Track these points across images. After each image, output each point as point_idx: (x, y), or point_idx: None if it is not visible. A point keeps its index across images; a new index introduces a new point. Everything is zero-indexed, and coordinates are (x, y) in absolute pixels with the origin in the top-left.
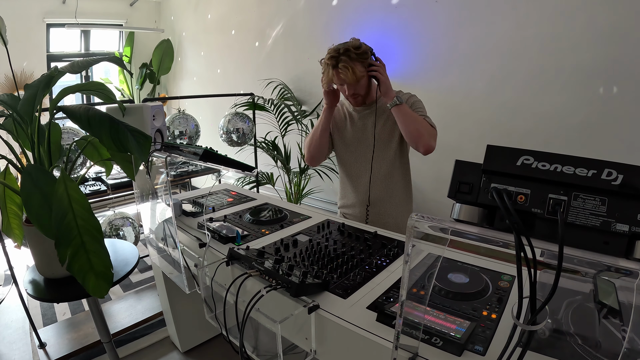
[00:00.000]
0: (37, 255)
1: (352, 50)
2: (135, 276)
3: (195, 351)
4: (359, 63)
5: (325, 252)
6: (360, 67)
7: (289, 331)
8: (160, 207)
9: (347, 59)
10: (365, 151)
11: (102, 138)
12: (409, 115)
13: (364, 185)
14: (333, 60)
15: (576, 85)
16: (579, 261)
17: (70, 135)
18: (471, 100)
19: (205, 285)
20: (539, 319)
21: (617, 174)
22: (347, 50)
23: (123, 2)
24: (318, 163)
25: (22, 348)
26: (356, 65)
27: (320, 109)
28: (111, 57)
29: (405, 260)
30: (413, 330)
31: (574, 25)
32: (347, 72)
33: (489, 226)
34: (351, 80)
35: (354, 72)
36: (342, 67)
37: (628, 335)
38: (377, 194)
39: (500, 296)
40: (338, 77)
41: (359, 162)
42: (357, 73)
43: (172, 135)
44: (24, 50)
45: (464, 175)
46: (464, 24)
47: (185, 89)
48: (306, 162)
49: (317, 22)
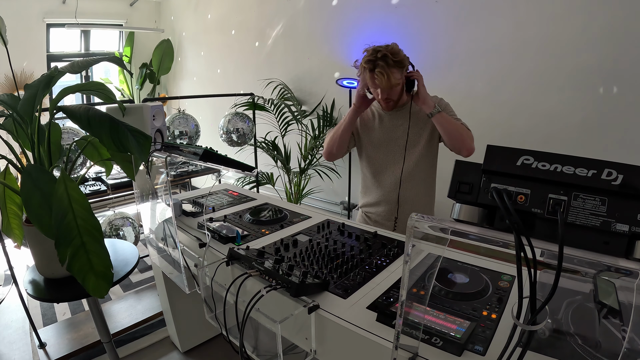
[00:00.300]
0: (37, 255)
1: (390, 57)
2: (135, 276)
3: (195, 351)
4: (396, 70)
5: (325, 252)
6: (396, 74)
7: (289, 331)
8: (160, 207)
9: (385, 64)
10: (395, 151)
11: (102, 138)
12: (450, 122)
13: (391, 184)
14: (370, 64)
15: (576, 85)
16: (579, 261)
17: (70, 135)
18: (471, 100)
19: (205, 285)
20: (539, 319)
21: (617, 174)
22: (385, 56)
23: (123, 2)
24: (335, 159)
25: (22, 348)
26: (392, 72)
27: (319, 109)
28: (111, 57)
29: (405, 260)
30: (413, 330)
31: (574, 25)
32: (383, 78)
33: (489, 226)
34: (386, 87)
35: (389, 79)
36: (378, 73)
37: (628, 335)
38: (404, 194)
39: (500, 296)
40: (373, 81)
41: (387, 161)
42: (392, 80)
43: (172, 135)
44: (24, 50)
45: (464, 175)
46: (463, 24)
47: (185, 89)
48: (324, 156)
49: (317, 22)
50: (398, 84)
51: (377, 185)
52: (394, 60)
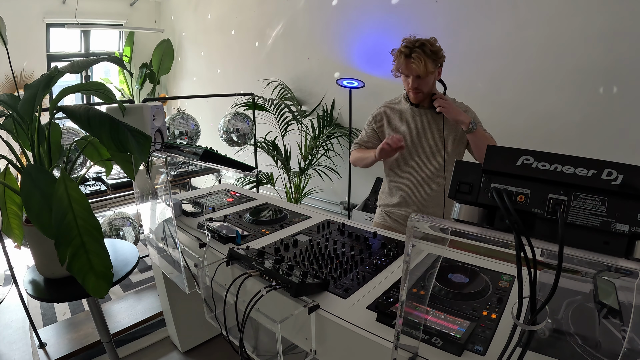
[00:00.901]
0: (37, 255)
1: (428, 46)
2: (135, 276)
3: (195, 351)
4: (431, 60)
5: (325, 252)
6: (431, 64)
7: (289, 331)
8: (160, 207)
9: (422, 52)
10: (420, 154)
11: (102, 138)
12: (483, 138)
13: (414, 186)
14: (407, 49)
15: (576, 85)
16: (579, 261)
17: (70, 135)
18: (471, 100)
19: (205, 285)
20: (539, 319)
21: (617, 174)
22: (423, 44)
23: (123, 2)
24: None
25: (22, 348)
26: (428, 60)
27: (319, 109)
28: (111, 57)
29: (405, 260)
30: (413, 330)
31: (574, 25)
32: (420, 64)
33: (489, 226)
34: (421, 73)
35: (425, 66)
36: (415, 57)
37: (628, 335)
38: (426, 197)
39: (500, 296)
40: (408, 66)
41: (412, 164)
42: (428, 67)
43: (172, 135)
44: (24, 50)
45: (464, 175)
46: (463, 24)
47: (185, 89)
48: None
49: (317, 22)
50: (432, 73)
51: (400, 186)
52: (432, 50)
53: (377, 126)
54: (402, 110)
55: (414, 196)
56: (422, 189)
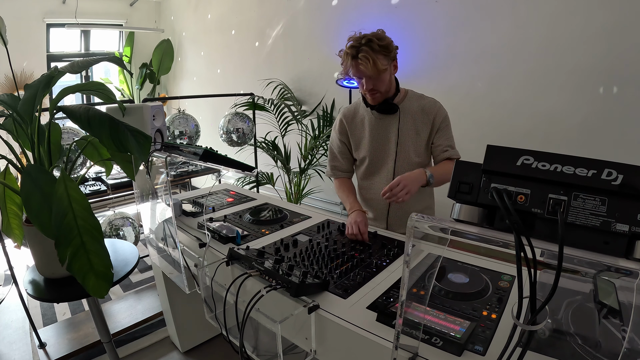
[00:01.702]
0: (37, 255)
1: (375, 41)
2: (135, 276)
3: (195, 351)
4: (382, 55)
5: (325, 252)
6: (382, 60)
7: (289, 331)
8: (160, 207)
9: (369, 49)
10: (384, 156)
11: (102, 138)
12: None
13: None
14: (353, 49)
15: (576, 85)
16: (579, 261)
17: (70, 135)
18: (471, 100)
19: (205, 285)
20: (539, 319)
21: (617, 174)
22: (370, 40)
23: (123, 2)
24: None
25: (22, 348)
26: (378, 57)
27: (319, 109)
28: (111, 57)
29: (405, 260)
30: (413, 330)
31: (574, 25)
32: (368, 63)
33: (489, 226)
34: (371, 73)
35: (375, 65)
36: (363, 58)
37: (628, 335)
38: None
39: (500, 296)
40: (357, 68)
41: (376, 167)
42: (378, 66)
43: (172, 135)
44: (24, 50)
45: (464, 175)
46: (463, 24)
47: (185, 89)
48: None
49: (317, 22)
50: (384, 70)
51: (367, 190)
52: (380, 45)
53: (343, 137)
54: (362, 116)
55: (382, 202)
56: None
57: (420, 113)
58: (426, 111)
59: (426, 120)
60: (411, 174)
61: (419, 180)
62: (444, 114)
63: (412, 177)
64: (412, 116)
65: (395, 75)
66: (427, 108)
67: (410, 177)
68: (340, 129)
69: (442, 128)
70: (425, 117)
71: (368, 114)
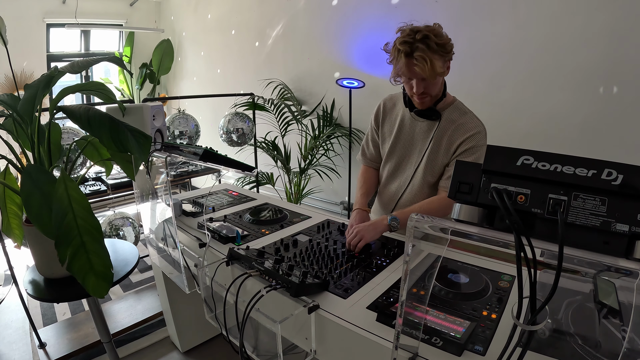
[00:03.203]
0: (37, 255)
1: (433, 39)
2: (135, 276)
3: (195, 351)
4: (439, 56)
5: (325, 252)
6: (439, 61)
7: (289, 331)
8: (160, 207)
9: (426, 48)
10: (406, 160)
11: (102, 138)
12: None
13: (394, 194)
14: (407, 46)
15: (576, 85)
16: (579, 261)
17: (70, 135)
18: (471, 100)
19: (205, 285)
20: (539, 319)
21: (617, 174)
22: (427, 37)
23: (123, 2)
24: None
25: (22, 348)
26: (435, 57)
27: (319, 109)
28: (111, 57)
29: (405, 260)
30: (413, 330)
31: (574, 25)
32: (425, 65)
33: (489, 226)
34: (428, 76)
35: (432, 66)
36: (419, 57)
37: (628, 335)
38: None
39: (500, 296)
40: (410, 69)
41: (397, 169)
42: (436, 68)
43: (172, 135)
44: (24, 50)
45: (464, 175)
46: (463, 23)
47: (185, 89)
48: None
49: (317, 22)
50: (442, 74)
51: (380, 194)
52: (437, 44)
53: (376, 123)
54: (399, 111)
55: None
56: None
57: (454, 129)
58: (461, 130)
59: (455, 138)
60: (369, 222)
61: (377, 228)
62: (478, 141)
63: (369, 227)
64: (444, 129)
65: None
66: (463, 127)
67: (366, 227)
68: (377, 113)
69: (466, 154)
70: (456, 135)
71: (405, 111)
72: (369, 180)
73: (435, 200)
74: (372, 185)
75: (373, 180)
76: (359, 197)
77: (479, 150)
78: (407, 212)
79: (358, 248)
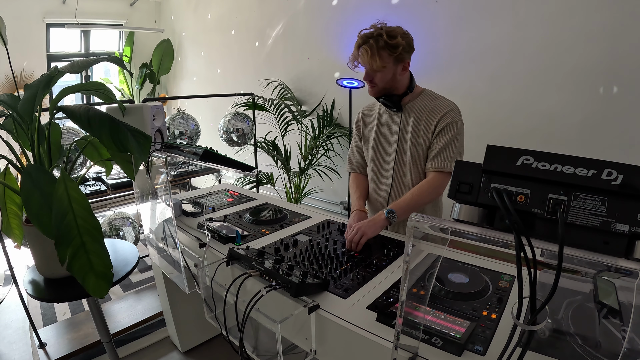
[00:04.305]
0: (37, 255)
1: (384, 38)
2: (135, 276)
3: (195, 351)
4: (386, 53)
5: (325, 252)
6: (385, 58)
7: (289, 331)
8: (160, 207)
9: (374, 43)
10: (388, 156)
11: (102, 138)
12: (416, 202)
13: (384, 191)
14: (362, 38)
15: (576, 85)
16: (579, 261)
17: (70, 135)
18: (471, 100)
19: (205, 285)
20: (539, 319)
21: (617, 174)
22: (379, 35)
23: (123, 2)
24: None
25: (22, 348)
26: (381, 54)
27: (319, 109)
28: (111, 57)
29: (405, 260)
30: (413, 330)
31: (574, 25)
32: (366, 55)
33: (489, 226)
34: (367, 66)
35: (372, 59)
36: (363, 50)
37: (628, 335)
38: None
39: (500, 296)
40: (357, 57)
41: (381, 166)
42: (376, 62)
43: (172, 135)
44: (24, 50)
45: (464, 175)
46: (463, 23)
47: (185, 89)
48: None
49: (317, 22)
50: (382, 68)
51: (370, 194)
52: (386, 42)
53: (358, 130)
54: (377, 112)
55: (385, 202)
56: (393, 194)
57: (428, 114)
58: (435, 112)
59: (431, 121)
60: (369, 220)
61: (377, 223)
62: (452, 118)
63: (369, 223)
64: (418, 116)
65: (411, 75)
66: (436, 109)
67: (366, 223)
68: (357, 121)
69: (444, 132)
70: (431, 118)
71: (382, 110)
72: (360, 185)
73: (425, 183)
74: (364, 189)
75: (364, 185)
76: (355, 200)
77: (455, 126)
78: (402, 202)
79: (360, 245)
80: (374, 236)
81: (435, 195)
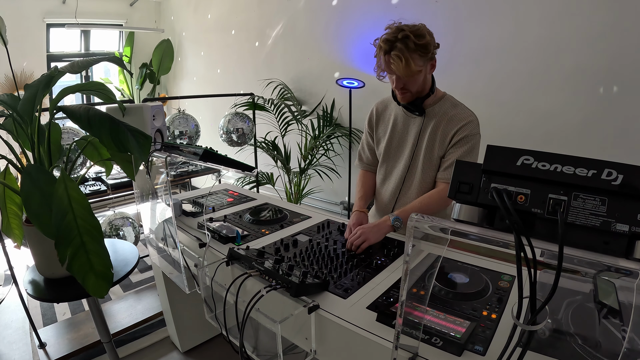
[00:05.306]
0: (37, 255)
1: (412, 39)
2: (135, 276)
3: (195, 351)
4: (418, 55)
5: (325, 252)
6: (417, 61)
7: (289, 331)
8: (160, 207)
9: (404, 47)
10: (400, 159)
11: (102, 138)
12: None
13: (391, 194)
14: (387, 44)
15: (576, 85)
16: (579, 261)
17: (70, 135)
18: (471, 100)
19: (205, 285)
20: (539, 319)
21: (617, 174)
22: (407, 37)
23: (123, 2)
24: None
25: (22, 348)
26: (413, 57)
27: (319, 109)
28: (111, 57)
29: (405, 260)
30: (413, 330)
31: (574, 25)
32: (400, 63)
33: (489, 226)
34: (403, 74)
35: (407, 65)
36: (395, 57)
37: (628, 335)
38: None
39: (500, 296)
40: (388, 66)
41: (392, 169)
42: (411, 67)
43: (172, 135)
44: (24, 50)
45: (464, 175)
46: (463, 24)
47: (185, 89)
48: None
49: (317, 22)
50: (418, 72)
51: (377, 194)
52: (417, 44)
53: (370, 128)
54: (392, 111)
55: (392, 205)
56: (402, 198)
57: (447, 121)
58: (454, 121)
59: (449, 130)
60: (373, 224)
61: (381, 229)
62: (471, 130)
63: (374, 228)
64: (437, 123)
65: (432, 75)
66: (455, 118)
67: (370, 229)
68: (370, 118)
69: (460, 143)
70: (450, 127)
71: (397, 110)
72: (366, 184)
73: (434, 193)
74: (369, 188)
75: (370, 184)
76: (357, 200)
77: (473, 139)
78: (409, 209)
79: (361, 249)
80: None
81: (444, 206)
